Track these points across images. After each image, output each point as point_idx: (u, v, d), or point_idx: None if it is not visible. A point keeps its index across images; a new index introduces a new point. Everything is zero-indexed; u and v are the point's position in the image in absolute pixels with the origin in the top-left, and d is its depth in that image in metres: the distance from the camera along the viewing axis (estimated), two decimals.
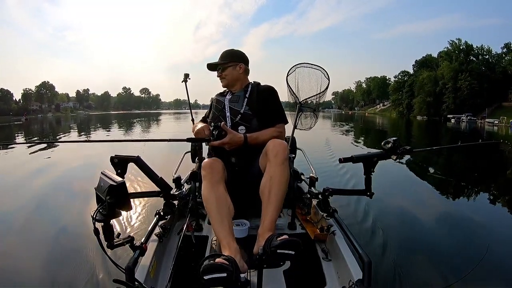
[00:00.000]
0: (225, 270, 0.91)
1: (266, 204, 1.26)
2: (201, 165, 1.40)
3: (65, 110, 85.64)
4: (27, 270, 2.01)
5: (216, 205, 1.24)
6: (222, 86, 1.71)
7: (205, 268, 0.91)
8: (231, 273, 0.91)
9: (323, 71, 1.90)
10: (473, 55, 44.20)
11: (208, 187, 1.29)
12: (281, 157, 1.29)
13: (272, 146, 1.33)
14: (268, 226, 1.20)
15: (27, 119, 39.72)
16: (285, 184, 1.29)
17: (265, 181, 1.30)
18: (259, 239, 1.19)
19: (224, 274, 0.90)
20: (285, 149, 1.33)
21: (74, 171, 5.25)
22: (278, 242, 1.01)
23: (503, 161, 6.73)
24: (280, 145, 1.33)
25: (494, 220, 3.13)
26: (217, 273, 0.90)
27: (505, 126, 27.44)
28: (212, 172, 1.32)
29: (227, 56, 1.67)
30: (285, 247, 1.00)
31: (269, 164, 1.31)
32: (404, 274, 1.89)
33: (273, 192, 1.25)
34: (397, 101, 54.65)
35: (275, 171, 1.28)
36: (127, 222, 2.67)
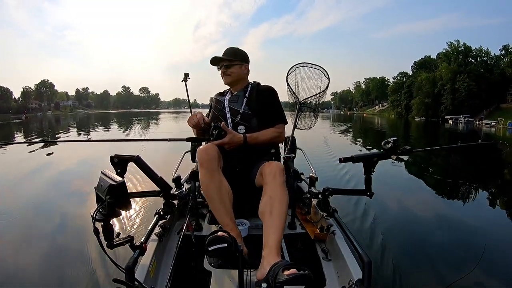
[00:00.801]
0: (226, 241, 1.06)
1: (269, 224, 1.19)
2: (196, 151, 1.39)
3: (64, 108, 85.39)
4: (26, 269, 2.00)
5: (217, 192, 1.26)
6: (224, 83, 1.68)
7: (210, 240, 1.06)
8: (231, 244, 1.05)
9: (323, 71, 1.90)
10: (471, 56, 44.50)
11: (206, 175, 1.29)
12: (279, 179, 1.28)
13: (269, 169, 1.32)
14: (274, 247, 1.11)
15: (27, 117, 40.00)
16: (286, 205, 1.25)
17: (265, 201, 1.26)
18: (263, 263, 1.09)
19: (225, 244, 1.05)
20: (282, 170, 1.32)
21: (74, 171, 5.24)
22: (285, 277, 0.90)
23: (502, 162, 6.74)
24: (277, 166, 1.33)
25: (492, 220, 3.15)
26: (219, 243, 1.05)
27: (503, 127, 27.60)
28: (209, 158, 1.31)
29: (234, 54, 1.63)
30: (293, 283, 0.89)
31: (268, 186, 1.28)
32: (404, 274, 1.90)
33: (275, 212, 1.20)
34: (396, 102, 54.91)
35: (275, 192, 1.25)
36: (127, 222, 2.67)
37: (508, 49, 40.87)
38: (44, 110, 74.58)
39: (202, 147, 1.38)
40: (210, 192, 1.28)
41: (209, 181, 1.28)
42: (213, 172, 1.30)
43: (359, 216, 2.83)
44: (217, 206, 1.26)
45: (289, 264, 0.96)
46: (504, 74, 39.30)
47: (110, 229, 0.97)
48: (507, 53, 40.87)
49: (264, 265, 1.06)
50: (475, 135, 18.99)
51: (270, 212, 1.20)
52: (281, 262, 0.99)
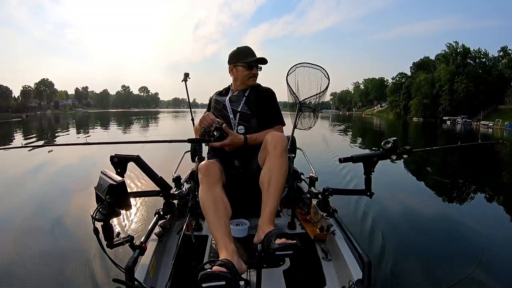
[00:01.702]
0: (223, 278, 0.91)
1: (266, 194, 1.28)
2: (198, 168, 1.38)
3: (64, 107, 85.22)
4: (26, 269, 2.00)
5: (213, 207, 1.23)
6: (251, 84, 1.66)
7: (203, 277, 0.90)
8: (229, 280, 0.91)
9: (323, 71, 1.89)
10: (470, 58, 44.81)
11: (205, 190, 1.29)
12: (279, 148, 1.31)
13: (271, 138, 1.34)
14: (268, 217, 1.23)
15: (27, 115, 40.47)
16: (284, 175, 1.30)
17: (264, 172, 1.32)
18: (259, 231, 1.22)
19: (223, 282, 0.90)
20: (284, 141, 1.34)
21: (74, 170, 5.23)
22: (276, 245, 1.04)
23: (501, 162, 6.76)
24: (279, 137, 1.35)
25: (491, 221, 3.16)
26: (215, 281, 0.90)
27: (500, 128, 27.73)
28: (208, 174, 1.32)
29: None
30: (283, 250, 1.04)
31: (268, 156, 1.32)
32: (403, 275, 1.90)
33: (272, 183, 1.27)
34: (394, 102, 55.17)
35: (274, 163, 1.29)
36: (127, 222, 2.67)
37: (506, 50, 41.12)
38: (43, 109, 74.52)
39: (203, 163, 1.38)
40: (207, 207, 1.25)
41: (206, 194, 1.27)
42: (211, 186, 1.29)
43: (359, 216, 2.84)
44: (212, 221, 1.22)
45: (281, 233, 1.09)
46: (502, 76, 39.49)
47: (110, 228, 0.97)
48: (505, 54, 41.08)
49: (259, 233, 1.20)
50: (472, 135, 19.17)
51: (268, 183, 1.28)
52: (274, 231, 1.13)
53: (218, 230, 1.17)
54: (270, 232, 1.12)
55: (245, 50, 1.64)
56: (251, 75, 1.63)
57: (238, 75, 1.64)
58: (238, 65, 1.63)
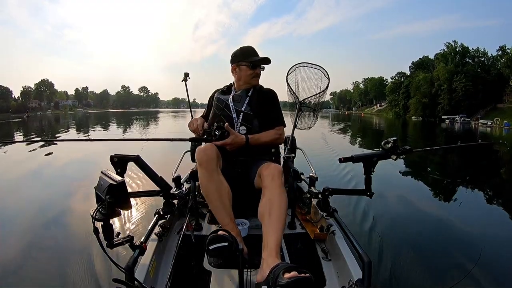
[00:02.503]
0: (227, 240, 1.05)
1: (268, 226, 1.19)
2: (195, 151, 1.39)
3: (64, 108, 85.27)
4: (26, 269, 2.00)
5: (216, 193, 1.27)
6: (254, 83, 1.66)
7: (211, 239, 1.05)
8: (231, 243, 1.04)
9: (323, 71, 1.89)
10: (468, 57, 44.85)
11: (206, 175, 1.29)
12: (277, 180, 1.28)
13: (267, 172, 1.32)
14: (273, 249, 1.10)
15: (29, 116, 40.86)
16: (285, 206, 1.25)
17: (264, 203, 1.26)
18: (263, 266, 1.07)
19: (226, 243, 1.04)
20: (280, 172, 1.32)
21: (74, 170, 5.23)
22: (285, 281, 0.88)
23: (501, 162, 6.76)
24: (275, 168, 1.33)
25: (491, 221, 3.17)
26: (220, 242, 1.04)
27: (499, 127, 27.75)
28: (207, 159, 1.31)
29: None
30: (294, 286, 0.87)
31: (266, 188, 1.28)
32: (404, 275, 1.90)
33: (274, 214, 1.20)
34: (394, 101, 55.23)
35: (273, 194, 1.25)
36: (127, 222, 2.67)
37: (504, 49, 41.10)
38: (44, 109, 74.59)
39: (201, 147, 1.38)
40: (209, 192, 1.28)
41: (208, 181, 1.29)
42: (212, 172, 1.30)
43: (359, 216, 2.84)
44: (216, 206, 1.27)
45: (290, 266, 0.94)
46: (501, 75, 39.50)
47: (110, 228, 0.96)
48: (503, 53, 41.06)
49: (264, 268, 1.05)
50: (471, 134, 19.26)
51: (269, 214, 1.20)
52: (281, 264, 0.98)
53: (224, 216, 1.27)
54: (277, 265, 0.97)
55: (248, 49, 1.64)
56: (254, 75, 1.63)
57: (241, 75, 1.64)
58: (242, 65, 1.62)
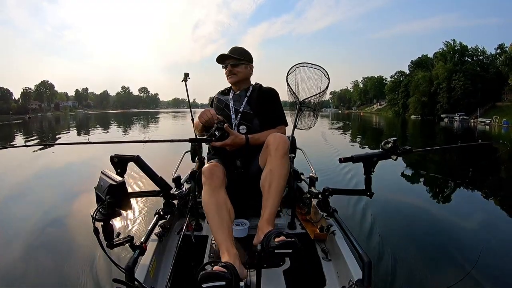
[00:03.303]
0: (224, 278, 0.90)
1: (266, 196, 1.28)
2: (201, 171, 1.37)
3: (64, 109, 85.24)
4: (26, 269, 2.00)
5: (216, 210, 1.22)
6: (229, 82, 1.67)
7: (204, 276, 0.90)
8: (229, 281, 0.90)
9: (323, 71, 1.89)
10: (467, 55, 44.87)
11: (208, 193, 1.28)
12: (281, 150, 1.31)
13: (273, 139, 1.34)
14: (268, 218, 1.23)
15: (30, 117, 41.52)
16: (285, 177, 1.31)
17: (265, 174, 1.32)
18: (259, 232, 1.22)
19: (223, 282, 0.89)
20: (285, 142, 1.34)
21: (74, 171, 5.23)
22: (275, 243, 1.04)
23: (501, 162, 6.75)
24: (281, 138, 1.34)
25: (490, 221, 3.17)
26: (215, 281, 0.89)
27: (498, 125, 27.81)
28: (212, 177, 1.30)
29: (241, 53, 1.64)
30: (282, 248, 1.04)
31: (270, 158, 1.32)
32: (404, 275, 1.90)
33: (273, 185, 1.27)
34: (393, 100, 55.25)
35: (275, 164, 1.29)
36: (127, 222, 2.67)
37: (503, 48, 41.09)
38: (44, 110, 74.63)
39: (207, 166, 1.36)
40: (209, 210, 1.24)
41: (209, 197, 1.26)
42: (215, 189, 1.28)
43: (359, 216, 2.83)
44: (214, 224, 1.21)
45: (279, 232, 1.10)
46: (500, 73, 39.46)
47: (110, 229, 0.97)
48: (502, 52, 41.06)
49: (259, 234, 1.21)
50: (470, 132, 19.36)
51: (269, 185, 1.28)
52: (273, 230, 1.14)
53: (220, 234, 1.16)
54: (270, 232, 1.12)
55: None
56: (227, 73, 1.64)
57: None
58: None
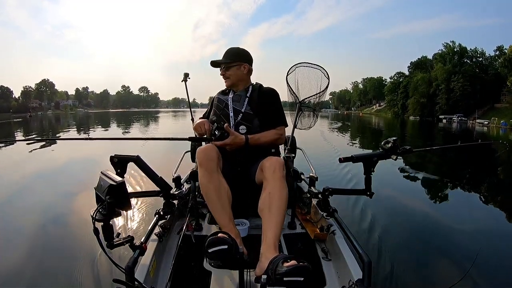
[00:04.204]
0: (226, 243, 1.00)
1: (267, 220, 1.19)
2: (196, 152, 1.38)
3: (64, 108, 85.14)
4: (26, 269, 1.99)
5: (215, 193, 1.25)
6: (225, 85, 1.69)
7: (210, 242, 1.00)
8: (231, 245, 1.00)
9: (323, 71, 1.89)
10: (466, 57, 45.08)
11: (206, 176, 1.29)
12: (278, 173, 1.28)
13: (268, 163, 1.32)
14: (272, 244, 1.11)
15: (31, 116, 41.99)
16: (285, 200, 1.25)
17: (264, 198, 1.26)
18: (262, 259, 1.08)
19: (225, 246, 0.99)
20: (281, 165, 1.32)
21: (74, 170, 5.23)
22: (284, 269, 0.90)
23: (500, 162, 6.75)
24: (277, 161, 1.33)
25: (489, 220, 3.19)
26: (219, 245, 0.99)
27: (496, 126, 27.94)
28: (207, 159, 1.31)
29: (232, 55, 1.63)
30: (293, 274, 0.89)
31: (267, 181, 1.29)
32: (403, 275, 1.91)
33: (274, 208, 1.20)
34: (392, 101, 55.38)
35: (274, 187, 1.25)
36: (127, 222, 2.67)
37: (502, 49, 41.20)
38: (44, 109, 74.60)
39: (201, 148, 1.38)
40: (209, 192, 1.27)
41: (207, 181, 1.28)
42: (212, 172, 1.30)
43: (359, 216, 2.84)
44: (215, 206, 1.26)
45: (289, 256, 0.97)
46: (499, 75, 39.57)
47: (110, 229, 0.96)
48: (501, 53, 41.16)
49: (263, 261, 1.06)
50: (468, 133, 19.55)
51: (269, 208, 1.21)
52: (280, 255, 1.00)
53: (223, 217, 1.24)
54: (276, 257, 0.99)
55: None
56: (223, 77, 1.66)
57: None
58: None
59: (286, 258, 0.95)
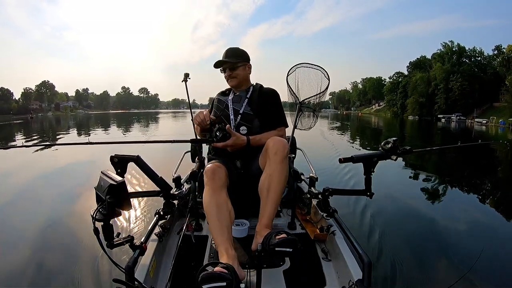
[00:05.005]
0: (224, 279, 0.90)
1: (265, 201, 1.28)
2: (204, 171, 1.36)
3: (64, 109, 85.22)
4: (26, 270, 1.99)
5: (216, 211, 1.22)
6: (230, 85, 1.67)
7: (204, 277, 0.90)
8: (230, 282, 0.90)
9: (323, 71, 1.89)
10: (465, 56, 45.21)
11: (209, 193, 1.27)
12: (280, 155, 1.30)
13: (272, 144, 1.33)
14: (266, 223, 1.23)
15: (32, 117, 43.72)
16: (284, 182, 1.30)
17: (264, 179, 1.31)
18: (257, 236, 1.21)
19: (224, 283, 0.89)
20: (285, 146, 1.33)
21: (74, 171, 5.23)
22: (276, 240, 1.04)
23: (500, 162, 6.75)
24: (280, 142, 1.34)
25: (490, 220, 3.18)
26: (216, 282, 0.89)
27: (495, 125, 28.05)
28: (214, 178, 1.30)
29: (237, 55, 1.62)
30: (283, 245, 1.03)
31: (269, 162, 1.31)
32: (404, 275, 1.91)
33: (272, 190, 1.27)
34: (392, 101, 55.49)
35: (274, 169, 1.28)
36: (127, 222, 2.67)
37: (500, 49, 41.32)
38: (44, 111, 74.73)
39: (209, 167, 1.35)
40: (210, 210, 1.24)
41: (210, 198, 1.26)
42: (216, 191, 1.27)
43: (359, 216, 2.84)
44: (214, 224, 1.21)
45: (280, 231, 1.11)
46: (497, 74, 39.66)
47: (110, 229, 0.97)
48: (499, 53, 41.25)
49: (257, 238, 1.20)
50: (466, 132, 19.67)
51: (267, 190, 1.27)
52: (273, 230, 1.15)
53: (220, 235, 1.16)
54: (269, 232, 1.13)
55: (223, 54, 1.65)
56: (227, 77, 1.64)
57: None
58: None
59: (278, 232, 1.10)
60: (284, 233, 1.09)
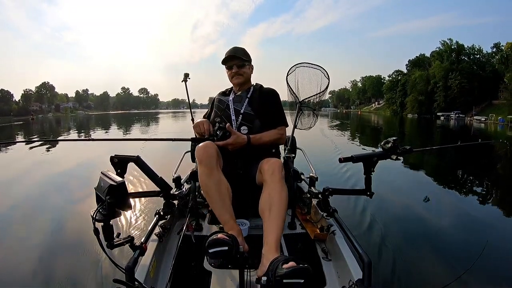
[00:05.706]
0: (227, 244, 1.00)
1: (268, 222, 1.20)
2: (195, 149, 1.37)
3: (65, 110, 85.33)
4: (26, 270, 1.99)
5: (216, 190, 1.25)
6: (235, 83, 1.67)
7: (210, 243, 1.00)
8: (231, 247, 1.00)
9: (323, 71, 1.89)
10: (464, 54, 45.26)
11: (205, 173, 1.29)
12: (277, 175, 1.28)
13: (267, 165, 1.32)
14: (273, 245, 1.12)
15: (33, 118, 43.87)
16: (285, 201, 1.25)
17: (264, 199, 1.26)
18: (263, 260, 1.10)
19: (226, 247, 0.99)
20: (280, 167, 1.32)
21: (74, 171, 5.23)
22: (284, 271, 0.89)
23: (500, 160, 6.74)
24: (276, 163, 1.33)
25: (490, 220, 3.16)
26: (219, 246, 0.99)
27: (494, 123, 28.07)
28: (207, 156, 1.31)
29: (245, 54, 1.63)
30: (293, 276, 0.89)
31: (266, 183, 1.29)
32: (404, 275, 1.91)
33: (274, 210, 1.20)
34: (391, 99, 55.53)
35: (273, 189, 1.25)
36: (127, 222, 2.67)
37: (499, 46, 41.42)
38: (45, 112, 74.86)
39: (201, 145, 1.36)
40: (209, 189, 1.27)
41: (207, 178, 1.28)
42: (212, 169, 1.29)
43: (359, 216, 2.83)
44: (216, 203, 1.26)
45: (288, 258, 0.97)
46: (496, 71, 39.78)
47: (110, 229, 0.97)
48: (498, 50, 41.35)
49: (264, 263, 1.07)
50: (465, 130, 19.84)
51: (269, 210, 1.21)
52: (280, 257, 1.00)
53: (224, 213, 1.24)
54: (276, 258, 0.99)
55: (228, 52, 1.65)
56: (233, 75, 1.63)
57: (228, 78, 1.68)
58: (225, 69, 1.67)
59: (286, 260, 0.94)
60: (293, 260, 0.94)
